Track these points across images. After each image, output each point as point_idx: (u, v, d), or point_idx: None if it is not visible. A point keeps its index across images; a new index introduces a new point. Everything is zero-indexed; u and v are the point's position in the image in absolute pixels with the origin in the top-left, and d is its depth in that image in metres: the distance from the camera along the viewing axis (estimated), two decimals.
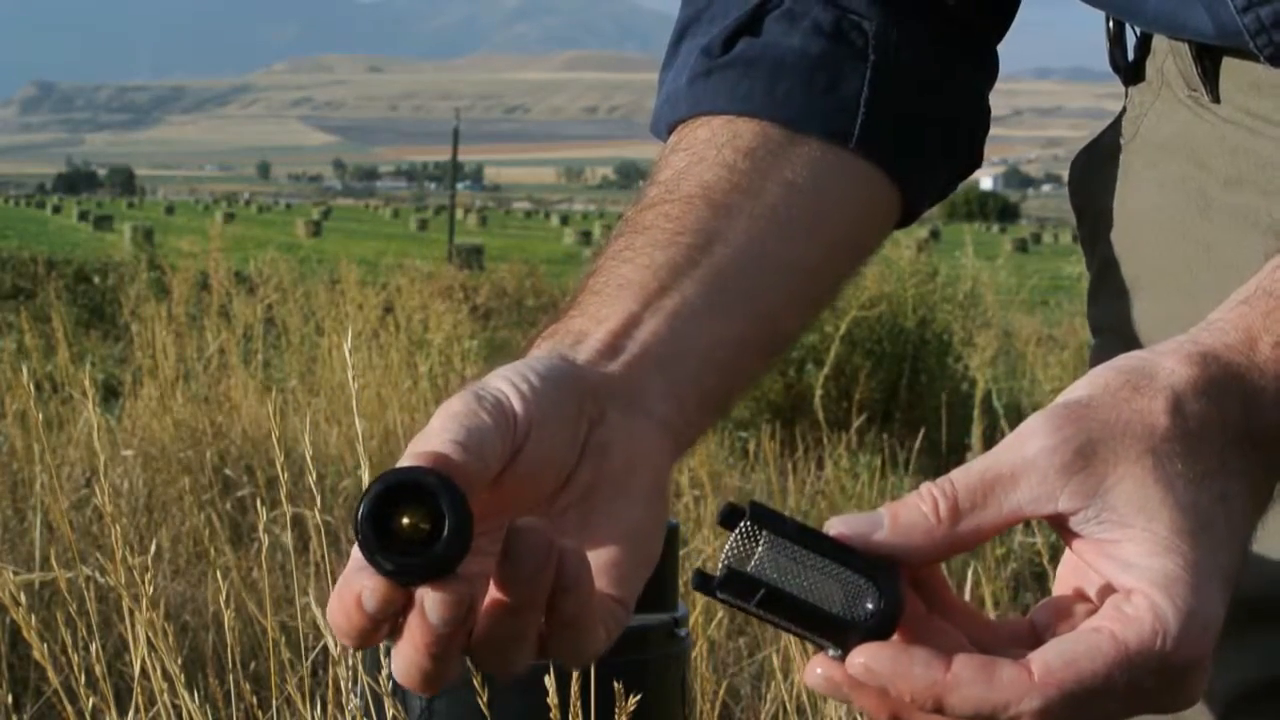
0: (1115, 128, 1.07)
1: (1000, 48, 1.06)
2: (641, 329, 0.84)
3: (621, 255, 0.88)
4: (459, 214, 56.69)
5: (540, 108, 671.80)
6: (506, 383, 0.76)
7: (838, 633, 0.66)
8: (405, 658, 0.70)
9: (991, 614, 3.21)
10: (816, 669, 0.67)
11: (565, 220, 74.83)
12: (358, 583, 0.68)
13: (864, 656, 0.65)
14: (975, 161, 1.05)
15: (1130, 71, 1.06)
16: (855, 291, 7.74)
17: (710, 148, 0.93)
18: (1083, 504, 0.66)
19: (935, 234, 40.29)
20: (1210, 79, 0.98)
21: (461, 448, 0.70)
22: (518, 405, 0.74)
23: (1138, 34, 1.05)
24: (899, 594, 0.66)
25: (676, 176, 0.92)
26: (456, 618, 0.68)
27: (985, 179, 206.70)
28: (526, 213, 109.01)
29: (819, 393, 7.12)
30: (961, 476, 0.67)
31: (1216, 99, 0.98)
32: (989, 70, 1.04)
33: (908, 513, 0.67)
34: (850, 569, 0.66)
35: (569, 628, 0.72)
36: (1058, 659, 0.64)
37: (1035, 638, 0.68)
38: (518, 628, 0.71)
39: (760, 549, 0.67)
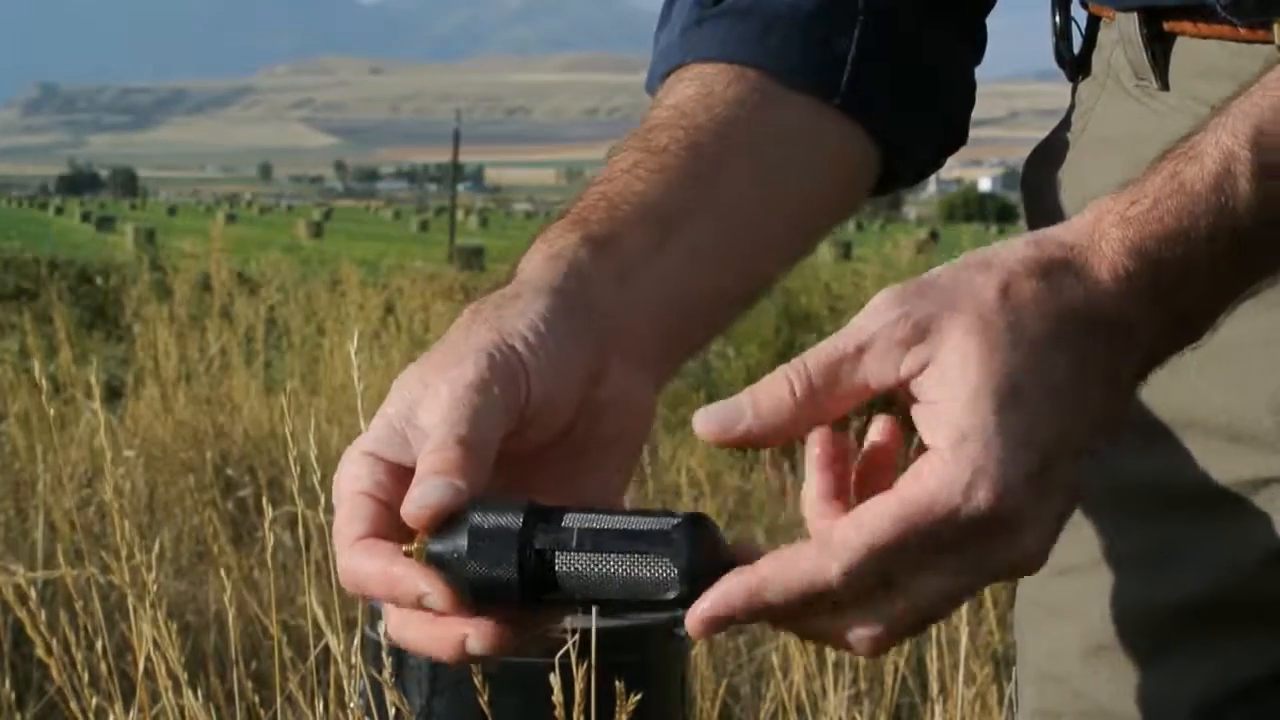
0: (1065, 125, 1.07)
1: (999, 49, 1.06)
2: (655, 264, 0.84)
3: (635, 172, 0.87)
4: (460, 215, 56.62)
5: (541, 109, 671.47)
6: (523, 343, 0.77)
7: (660, 608, 0.69)
8: (489, 638, 0.71)
9: (991, 611, 3.22)
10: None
11: None
12: (459, 630, 0.71)
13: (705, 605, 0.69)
14: (960, 138, 1.05)
15: (1076, 66, 1.06)
16: (855, 292, 7.76)
17: (719, 81, 0.93)
18: (918, 370, 0.70)
19: (934, 235, 40.11)
20: (1160, 65, 0.98)
21: (467, 449, 0.73)
22: (533, 382, 0.76)
23: (1084, 28, 1.06)
24: (697, 552, 0.69)
25: (689, 101, 0.92)
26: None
27: (984, 180, 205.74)
28: (527, 214, 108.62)
29: None
30: (813, 357, 0.71)
31: (1165, 86, 0.98)
32: (976, 46, 1.04)
33: (768, 398, 0.71)
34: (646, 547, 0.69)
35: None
36: (849, 524, 0.69)
37: None
38: None
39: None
